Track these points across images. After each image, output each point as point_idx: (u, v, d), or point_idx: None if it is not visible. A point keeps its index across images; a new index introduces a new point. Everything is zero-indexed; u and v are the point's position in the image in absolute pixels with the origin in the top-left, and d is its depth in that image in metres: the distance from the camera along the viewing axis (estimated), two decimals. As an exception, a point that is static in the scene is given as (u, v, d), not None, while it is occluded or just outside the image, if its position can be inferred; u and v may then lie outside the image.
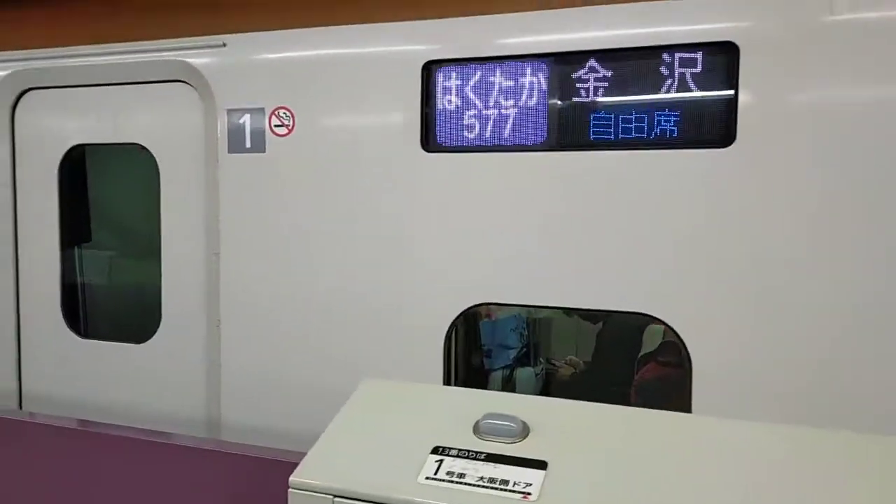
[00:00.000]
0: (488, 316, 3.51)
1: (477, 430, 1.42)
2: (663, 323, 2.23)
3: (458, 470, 1.32)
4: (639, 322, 2.82)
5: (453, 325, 2.40)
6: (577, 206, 2.28)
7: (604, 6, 2.25)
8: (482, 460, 1.34)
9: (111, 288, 3.33)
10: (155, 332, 2.86)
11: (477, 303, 2.40)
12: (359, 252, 2.50)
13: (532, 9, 2.30)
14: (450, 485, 1.30)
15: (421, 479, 1.31)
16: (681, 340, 2.19)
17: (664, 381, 2.61)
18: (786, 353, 2.09)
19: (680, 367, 2.27)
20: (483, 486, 1.29)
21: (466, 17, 2.38)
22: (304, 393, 2.52)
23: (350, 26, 2.49)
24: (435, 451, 1.37)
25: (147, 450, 2.36)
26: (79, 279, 3.20)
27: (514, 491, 1.28)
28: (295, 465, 1.44)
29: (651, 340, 2.91)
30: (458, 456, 1.35)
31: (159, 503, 2.27)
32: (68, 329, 3.03)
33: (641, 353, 2.92)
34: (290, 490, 1.38)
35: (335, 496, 1.30)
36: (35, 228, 3.06)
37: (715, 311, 2.14)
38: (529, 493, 1.28)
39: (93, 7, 2.94)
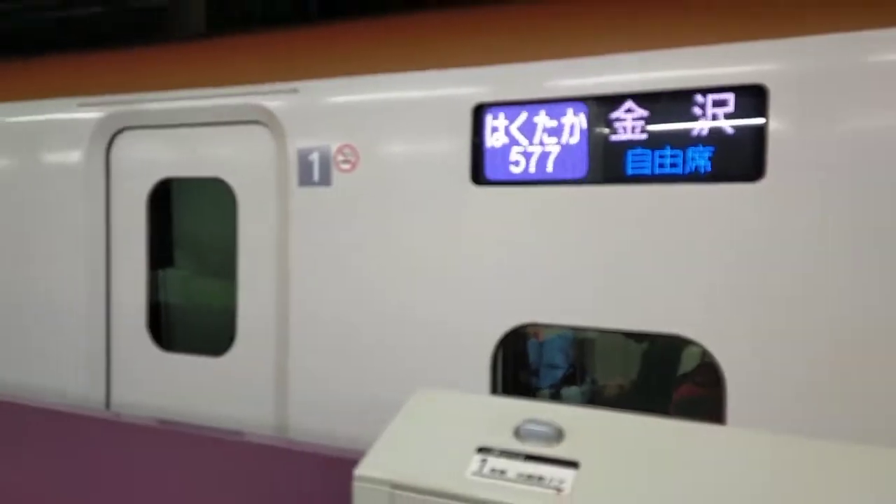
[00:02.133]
0: (536, 336, 3.70)
1: (517, 433, 1.62)
2: (699, 345, 2.39)
3: (500, 467, 1.53)
4: (679, 343, 2.97)
5: (500, 343, 2.61)
6: (617, 235, 2.47)
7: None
8: (521, 460, 1.54)
9: (191, 306, 3.66)
10: (230, 346, 3.16)
11: (522, 322, 2.61)
12: (415, 275, 2.74)
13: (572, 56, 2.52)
14: (493, 480, 1.50)
15: (468, 474, 1.52)
16: (716, 362, 2.35)
17: (699, 401, 2.75)
18: (817, 376, 2.22)
19: (715, 387, 2.42)
20: (521, 482, 1.49)
21: (511, 64, 2.62)
22: (364, 401, 2.76)
23: (406, 73, 2.76)
24: (480, 450, 1.58)
25: (221, 447, 2.63)
26: (162, 298, 3.54)
27: (548, 487, 1.48)
28: (355, 462, 1.67)
29: (689, 362, 3.05)
30: (500, 455, 1.56)
31: (232, 497, 2.53)
32: (152, 343, 3.36)
33: (679, 374, 3.06)
34: (354, 482, 1.60)
35: (393, 487, 1.52)
36: (125, 252, 3.42)
37: (749, 333, 2.29)
38: (562, 489, 1.47)
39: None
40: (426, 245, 2.74)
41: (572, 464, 1.52)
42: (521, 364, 3.44)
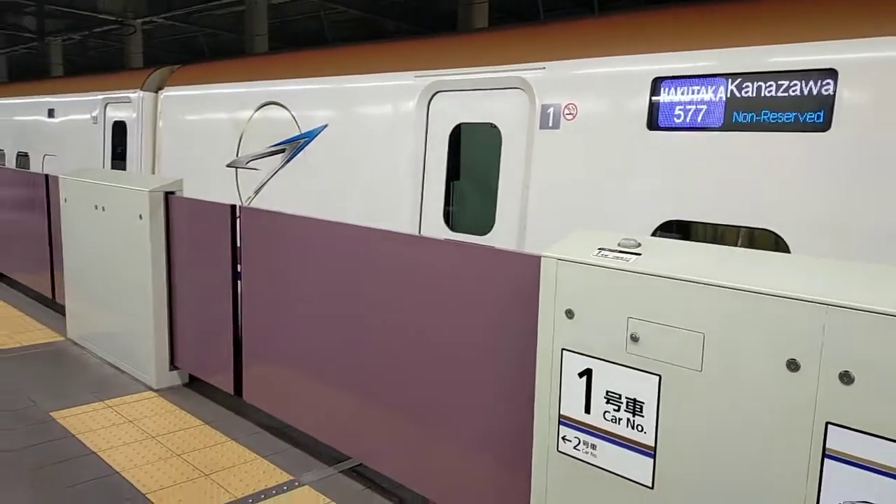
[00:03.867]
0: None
1: (619, 243, 3.18)
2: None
3: (607, 252, 3.13)
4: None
5: (656, 229, 4.15)
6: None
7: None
8: (617, 251, 3.13)
9: (468, 205, 5.67)
10: (491, 230, 5.09)
11: (670, 218, 4.12)
12: (606, 178, 4.38)
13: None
14: (601, 256, 3.12)
15: (591, 254, 3.14)
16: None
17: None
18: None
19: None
20: (613, 257, 3.07)
21: (676, 53, 4.10)
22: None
23: (607, 58, 4.38)
24: (599, 249, 3.19)
25: (448, 249, 4.28)
26: (452, 199, 5.59)
27: (629, 257, 3.06)
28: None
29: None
30: (607, 250, 3.16)
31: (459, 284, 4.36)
32: (445, 225, 5.43)
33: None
34: (542, 259, 3.32)
35: (558, 260, 3.21)
36: (434, 169, 5.51)
37: None
38: (634, 256, 3.04)
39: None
40: (614, 167, 4.35)
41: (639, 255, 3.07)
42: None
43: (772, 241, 3.77)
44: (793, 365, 2.29)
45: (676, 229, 4.22)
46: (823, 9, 3.74)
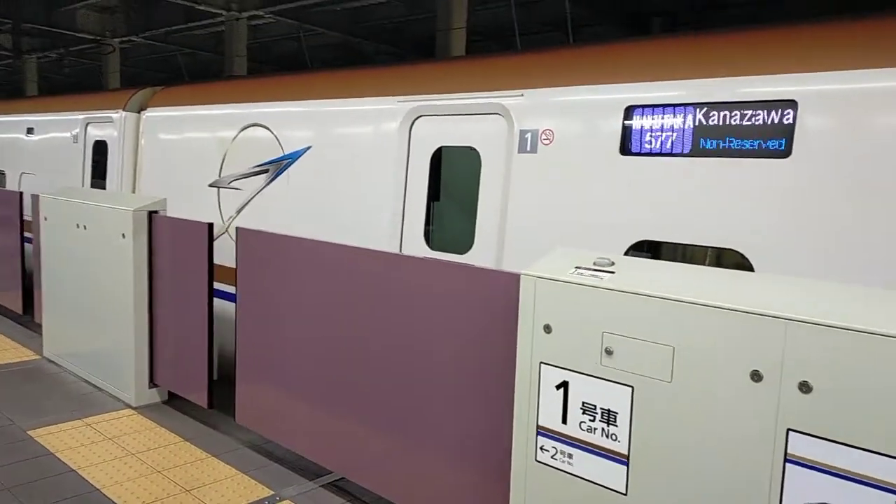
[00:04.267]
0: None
1: (594, 262, 3.35)
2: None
3: (583, 271, 3.28)
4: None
5: (629, 249, 4.32)
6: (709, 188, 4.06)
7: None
8: (592, 269, 3.28)
9: (448, 225, 5.81)
10: (470, 248, 5.23)
11: (640, 238, 4.30)
12: (581, 203, 4.55)
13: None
14: (578, 274, 3.26)
15: (568, 273, 3.30)
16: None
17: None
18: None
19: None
20: (589, 274, 3.22)
21: (647, 83, 4.31)
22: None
23: (582, 86, 4.58)
24: (576, 267, 3.34)
25: (444, 269, 4.59)
26: (433, 219, 5.73)
27: (602, 273, 3.21)
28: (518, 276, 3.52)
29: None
30: (583, 268, 3.31)
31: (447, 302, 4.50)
32: (425, 244, 5.56)
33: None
34: (521, 276, 3.45)
35: (536, 277, 3.35)
36: (415, 190, 5.65)
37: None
38: (608, 274, 3.20)
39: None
40: (586, 190, 4.53)
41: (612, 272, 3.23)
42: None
43: (737, 260, 3.96)
44: (756, 376, 2.45)
45: (648, 249, 4.40)
46: (786, 43, 3.98)
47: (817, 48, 3.83)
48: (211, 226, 5.20)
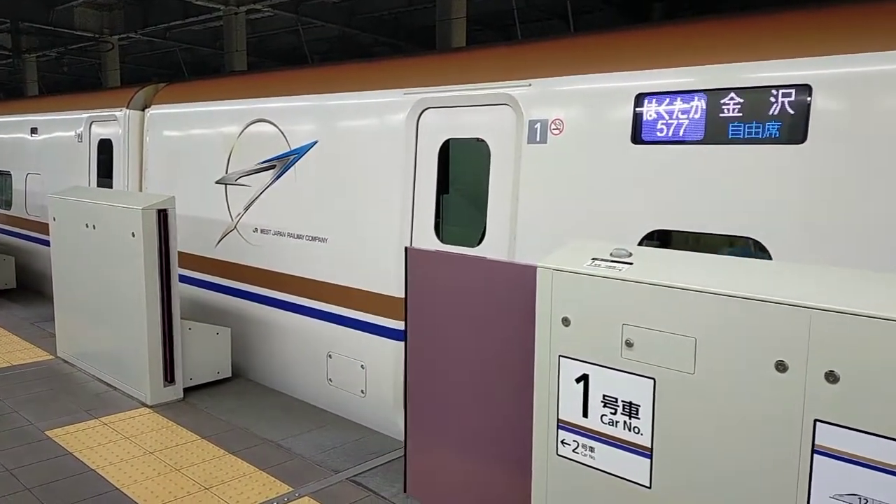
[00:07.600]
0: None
1: (612, 253, 3.32)
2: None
3: (600, 262, 3.25)
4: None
5: (643, 238, 4.30)
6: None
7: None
8: (609, 260, 3.26)
9: (458, 217, 5.78)
10: (481, 240, 5.21)
11: (654, 228, 4.27)
12: (589, 192, 4.52)
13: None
14: (595, 265, 3.24)
15: (585, 264, 3.26)
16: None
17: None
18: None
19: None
20: (607, 265, 3.19)
21: (657, 70, 4.26)
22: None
23: (591, 74, 4.53)
24: (593, 258, 3.32)
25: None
26: (442, 211, 5.70)
27: (620, 265, 3.19)
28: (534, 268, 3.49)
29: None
30: (600, 259, 3.29)
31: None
32: (436, 237, 5.54)
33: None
34: (537, 269, 3.43)
35: (554, 270, 3.33)
36: (424, 185, 5.62)
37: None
38: (625, 265, 3.16)
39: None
40: (594, 179, 4.51)
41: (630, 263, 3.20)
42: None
43: (753, 249, 3.94)
44: (781, 366, 2.43)
45: (662, 238, 4.38)
46: (799, 26, 3.93)
47: (830, 31, 3.79)
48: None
